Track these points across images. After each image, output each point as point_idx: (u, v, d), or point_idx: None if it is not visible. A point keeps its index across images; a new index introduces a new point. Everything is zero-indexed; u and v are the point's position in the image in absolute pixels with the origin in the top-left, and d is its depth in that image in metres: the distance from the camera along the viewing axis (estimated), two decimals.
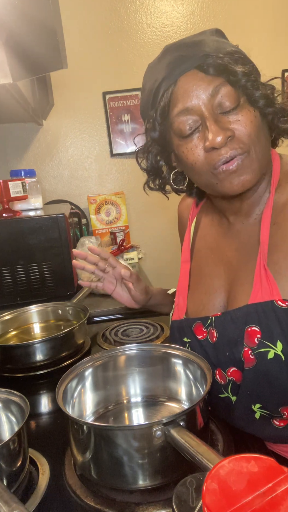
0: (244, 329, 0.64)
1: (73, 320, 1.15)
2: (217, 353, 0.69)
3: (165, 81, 0.66)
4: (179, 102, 0.65)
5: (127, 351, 0.74)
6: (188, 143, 0.66)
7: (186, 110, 0.64)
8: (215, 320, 0.69)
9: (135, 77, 2.17)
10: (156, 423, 0.51)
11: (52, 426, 0.77)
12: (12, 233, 1.37)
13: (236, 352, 0.65)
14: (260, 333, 0.62)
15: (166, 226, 2.34)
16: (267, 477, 0.35)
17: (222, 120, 0.63)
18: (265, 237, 0.67)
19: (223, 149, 0.62)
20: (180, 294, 0.80)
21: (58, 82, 2.10)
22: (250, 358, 0.63)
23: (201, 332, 0.72)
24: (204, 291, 0.76)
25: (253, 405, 0.65)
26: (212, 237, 0.80)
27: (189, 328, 0.74)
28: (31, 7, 0.95)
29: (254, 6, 2.11)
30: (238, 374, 0.66)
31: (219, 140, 0.61)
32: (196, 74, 0.64)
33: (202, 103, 0.63)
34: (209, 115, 0.63)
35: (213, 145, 0.62)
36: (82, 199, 2.27)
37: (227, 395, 0.69)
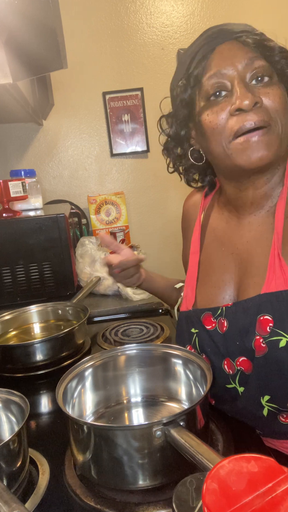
0: (256, 318, 0.64)
1: (73, 320, 1.15)
2: (227, 343, 0.69)
3: (203, 49, 0.68)
4: (214, 66, 0.66)
5: (127, 351, 0.74)
6: (214, 106, 0.66)
7: (220, 73, 0.65)
8: (226, 310, 0.70)
9: (135, 77, 2.17)
10: (156, 423, 0.51)
11: (52, 426, 0.77)
12: (12, 233, 1.37)
13: (247, 341, 0.65)
14: (272, 322, 0.62)
15: (166, 226, 2.34)
16: (267, 477, 0.35)
17: (252, 89, 0.64)
18: (279, 227, 0.67)
19: (250, 114, 0.63)
20: (188, 285, 0.80)
21: (58, 82, 2.10)
22: (261, 347, 0.63)
23: (210, 323, 0.72)
24: (213, 284, 0.76)
25: (261, 397, 0.66)
26: (222, 230, 0.79)
27: (197, 318, 0.74)
28: (31, 7, 0.95)
29: (254, 6, 2.11)
30: (247, 363, 0.66)
31: (247, 102, 0.62)
32: (234, 44, 0.66)
33: (235, 70, 0.65)
34: (240, 81, 0.64)
35: (240, 106, 0.62)
36: (82, 199, 2.27)
37: (234, 385, 0.69)
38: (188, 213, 0.91)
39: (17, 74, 1.06)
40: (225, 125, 0.65)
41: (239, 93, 0.63)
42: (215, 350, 0.71)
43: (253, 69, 0.64)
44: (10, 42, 1.01)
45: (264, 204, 0.72)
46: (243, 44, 0.65)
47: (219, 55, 0.66)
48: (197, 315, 0.74)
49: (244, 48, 0.65)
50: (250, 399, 0.67)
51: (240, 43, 0.65)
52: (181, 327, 0.78)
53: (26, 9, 0.95)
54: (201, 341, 0.73)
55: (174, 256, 1.97)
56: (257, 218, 0.73)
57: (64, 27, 1.07)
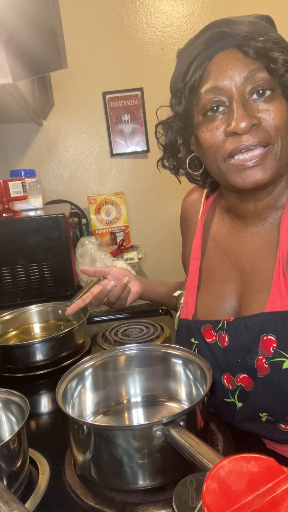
0: (260, 337, 0.62)
1: (73, 320, 1.14)
2: (228, 358, 0.67)
3: (200, 55, 0.62)
4: (211, 79, 0.61)
5: (127, 351, 0.74)
6: (210, 123, 0.62)
7: (216, 88, 0.61)
8: (227, 325, 0.68)
9: (135, 77, 2.17)
10: (156, 423, 0.51)
11: (52, 426, 0.77)
12: (12, 233, 1.37)
13: (249, 359, 0.64)
14: (276, 343, 0.61)
15: (166, 226, 2.34)
16: (267, 477, 0.35)
17: (251, 106, 0.60)
18: (284, 244, 0.64)
19: (245, 137, 0.59)
20: (189, 293, 0.78)
21: (58, 82, 2.10)
22: (264, 367, 0.62)
23: (211, 336, 0.70)
24: (214, 295, 0.74)
25: (260, 413, 0.65)
26: (223, 238, 0.76)
27: (197, 330, 0.72)
28: (31, 7, 0.95)
29: (254, 6, 2.11)
30: (248, 380, 0.65)
31: (242, 126, 0.58)
32: (234, 53, 0.60)
33: (234, 85, 0.60)
34: (238, 98, 0.59)
35: (235, 130, 0.58)
36: (82, 199, 2.27)
37: (233, 400, 0.68)
38: (187, 212, 0.89)
39: (17, 74, 1.06)
40: (220, 144, 0.62)
41: (235, 114, 0.59)
42: (214, 363, 0.69)
43: (253, 82, 0.59)
44: (10, 42, 1.01)
45: (268, 216, 0.69)
46: (243, 54, 0.59)
47: (217, 66, 0.61)
48: (197, 326, 0.72)
49: (244, 59, 0.59)
50: (247, 414, 0.66)
51: (240, 52, 0.59)
52: (181, 335, 0.76)
53: (26, 9, 0.95)
54: (201, 353, 0.71)
55: (174, 256, 1.97)
56: (260, 230, 0.70)
57: (64, 27, 1.07)
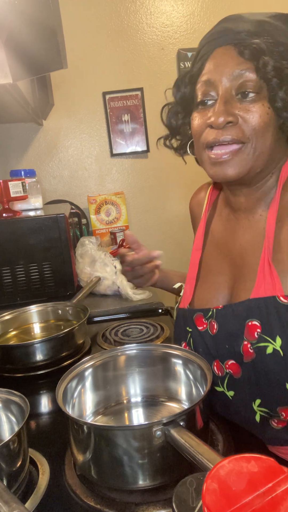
0: (245, 323, 0.64)
1: (73, 320, 1.15)
2: (217, 345, 0.70)
3: (204, 49, 0.68)
4: (206, 72, 0.66)
5: (127, 351, 0.74)
6: (200, 113, 0.68)
7: (209, 81, 0.66)
8: (216, 313, 0.70)
9: (135, 77, 2.17)
10: (156, 423, 0.51)
11: (52, 426, 0.77)
12: (12, 233, 1.37)
13: (236, 345, 0.66)
14: (260, 328, 0.63)
15: (166, 226, 2.34)
16: (267, 477, 0.35)
17: (232, 104, 0.63)
18: (271, 232, 0.67)
19: (220, 131, 0.64)
20: (188, 283, 0.81)
21: (58, 82, 2.10)
22: (249, 352, 0.64)
23: (202, 323, 0.73)
24: (209, 286, 0.77)
25: (253, 402, 0.66)
26: (220, 233, 0.80)
27: (190, 318, 0.75)
28: (31, 7, 0.95)
29: (254, 6, 2.11)
30: (236, 367, 0.67)
31: (219, 121, 0.62)
32: (230, 50, 0.64)
33: (223, 81, 0.64)
34: (223, 94, 0.64)
35: (212, 123, 0.64)
36: (82, 199, 2.27)
37: (222, 389, 0.70)
38: (193, 212, 0.92)
39: (17, 74, 1.06)
40: (201, 134, 0.67)
41: (216, 109, 0.63)
42: (206, 351, 0.71)
43: (241, 81, 0.63)
44: (10, 42, 1.01)
45: (258, 208, 0.73)
46: (238, 52, 0.63)
47: (213, 61, 0.65)
48: (191, 314, 0.75)
49: (237, 58, 0.63)
50: (241, 404, 0.67)
51: (236, 50, 0.63)
52: (179, 323, 0.79)
53: (26, 9, 0.95)
54: (194, 341, 0.74)
55: (174, 256, 1.97)
56: (251, 223, 0.74)
57: (64, 27, 1.07)
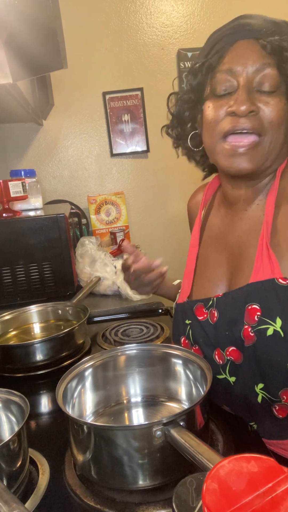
0: (245, 308, 0.65)
1: (73, 320, 1.14)
2: (217, 333, 0.70)
3: (224, 39, 0.68)
4: (228, 62, 0.67)
5: (127, 351, 0.74)
6: (216, 101, 0.68)
7: (230, 71, 0.66)
8: (217, 301, 0.71)
9: (135, 77, 2.17)
10: (156, 423, 0.51)
11: (52, 426, 0.77)
12: (12, 233, 1.37)
13: (236, 331, 0.66)
14: (260, 311, 0.63)
15: (166, 226, 2.34)
16: (267, 477, 0.35)
17: (253, 95, 0.65)
18: (269, 218, 0.68)
19: (242, 119, 0.64)
20: (186, 278, 0.82)
21: (58, 82, 2.10)
22: (250, 336, 0.64)
23: (202, 313, 0.73)
24: (207, 278, 0.78)
25: (255, 385, 0.66)
26: (218, 227, 0.81)
27: (190, 310, 0.75)
28: (31, 7, 0.95)
29: (254, 6, 2.11)
30: (236, 353, 0.67)
31: (242, 108, 0.63)
32: (252, 44, 0.66)
33: (245, 72, 0.65)
34: (245, 84, 0.65)
35: (235, 111, 0.64)
36: (82, 199, 2.27)
37: (225, 376, 0.70)
38: (191, 211, 0.94)
39: (17, 74, 1.06)
40: (220, 122, 0.67)
41: (239, 97, 0.64)
42: (206, 340, 0.72)
43: (262, 75, 0.64)
44: (10, 42, 1.01)
45: (255, 198, 0.74)
46: (261, 46, 0.65)
47: (235, 52, 0.66)
48: (191, 306, 0.76)
49: (260, 51, 0.65)
50: (244, 388, 0.68)
51: (258, 45, 0.65)
52: (177, 319, 0.80)
53: (26, 9, 0.95)
54: (194, 332, 0.74)
55: (175, 256, 1.97)
56: (248, 213, 0.75)
57: (64, 27, 1.07)
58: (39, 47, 1.03)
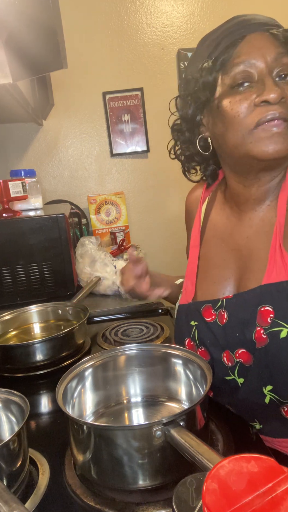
0: (257, 309, 0.64)
1: (73, 320, 1.14)
2: (226, 335, 0.69)
3: (232, 35, 0.67)
4: (243, 54, 0.65)
5: (127, 351, 0.74)
6: (236, 95, 0.65)
7: (249, 63, 0.65)
8: (226, 302, 0.70)
9: (135, 77, 2.17)
10: (156, 423, 0.51)
11: (52, 426, 0.77)
12: (12, 233, 1.37)
13: (247, 332, 0.65)
14: (273, 313, 0.63)
15: (166, 226, 2.34)
16: (267, 477, 0.35)
17: (278, 83, 0.64)
18: (282, 218, 0.67)
19: (275, 106, 0.62)
20: (188, 279, 0.80)
21: (58, 82, 2.10)
22: (262, 338, 0.63)
23: (210, 315, 0.72)
24: (214, 280, 0.77)
25: (264, 387, 0.66)
26: (223, 227, 0.79)
27: (197, 311, 0.74)
28: (31, 7, 0.95)
29: (254, 6, 2.11)
30: (246, 355, 0.67)
31: (273, 96, 0.62)
32: (265, 36, 0.65)
33: (265, 62, 0.64)
34: (268, 73, 0.64)
35: (268, 99, 0.62)
36: (82, 199, 2.27)
37: (233, 377, 0.69)
38: (190, 207, 0.92)
39: (17, 74, 1.06)
40: (247, 115, 0.64)
41: (267, 85, 0.63)
42: (214, 342, 0.71)
43: (280, 65, 0.64)
44: (10, 42, 1.01)
45: (265, 199, 0.73)
46: (273, 37, 0.65)
47: (249, 44, 0.65)
48: (197, 307, 0.74)
49: (274, 41, 0.65)
50: (251, 389, 0.67)
51: (270, 35, 0.65)
52: (180, 321, 0.78)
53: (26, 9, 0.95)
54: (201, 334, 0.73)
55: (175, 256, 1.97)
56: (258, 213, 0.73)
57: (64, 27, 1.07)
58: (39, 47, 1.03)
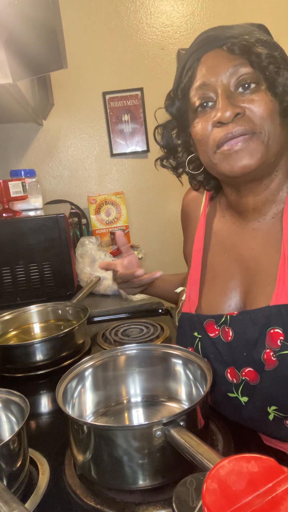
0: (266, 331, 0.63)
1: (73, 320, 1.15)
2: (232, 352, 0.68)
3: (191, 58, 0.68)
4: (199, 77, 0.66)
5: (127, 351, 0.74)
6: (201, 117, 0.67)
7: (204, 85, 0.65)
8: (231, 319, 0.68)
9: (135, 77, 2.17)
10: (156, 423, 0.51)
11: (52, 426, 0.77)
12: (12, 233, 1.37)
13: (256, 353, 0.64)
14: (283, 335, 0.61)
15: (166, 226, 2.34)
16: (267, 477, 0.35)
17: (235, 98, 0.63)
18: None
19: (230, 125, 0.62)
20: (191, 286, 0.78)
21: (58, 82, 2.10)
22: (271, 360, 0.62)
23: (213, 330, 0.71)
24: (218, 292, 0.74)
25: (268, 407, 0.65)
26: (225, 235, 0.78)
27: (200, 324, 0.72)
28: (31, 7, 0.95)
29: (254, 6, 2.11)
30: (253, 374, 0.65)
31: (227, 115, 0.61)
32: (219, 52, 0.65)
33: (220, 80, 0.64)
34: (222, 91, 0.64)
35: (220, 119, 0.62)
36: (82, 199, 2.27)
37: (236, 395, 0.68)
38: (188, 207, 0.90)
39: (17, 74, 1.06)
40: (209, 136, 0.65)
41: (220, 105, 0.63)
42: (218, 357, 0.69)
43: (238, 77, 0.63)
44: (10, 42, 1.01)
45: (268, 210, 0.71)
46: (228, 51, 0.63)
47: (204, 65, 0.66)
48: (200, 321, 0.73)
49: (229, 56, 0.63)
50: (255, 409, 0.66)
51: (225, 51, 0.64)
52: (183, 329, 0.76)
53: (26, 9, 0.95)
54: (204, 347, 0.71)
55: (175, 255, 1.97)
56: (262, 225, 0.71)
57: (64, 27, 1.07)
58: (39, 47, 1.03)
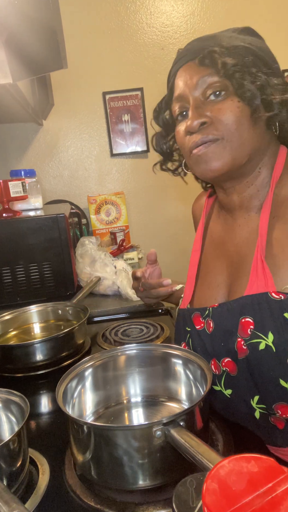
0: (239, 320, 0.66)
1: (73, 320, 1.14)
2: (213, 343, 0.70)
3: (171, 73, 0.74)
4: (176, 90, 0.72)
5: (127, 351, 0.74)
6: (180, 125, 0.73)
7: (180, 96, 0.71)
8: (212, 311, 0.71)
9: (135, 77, 2.17)
10: (156, 423, 0.51)
11: (52, 426, 0.77)
12: (12, 233, 1.37)
13: (231, 342, 0.67)
14: (253, 324, 0.64)
15: (166, 226, 2.34)
16: (267, 477, 0.35)
17: (204, 107, 0.68)
18: (263, 230, 0.68)
19: (195, 135, 0.68)
20: (188, 284, 0.82)
21: (58, 82, 2.10)
22: (243, 349, 0.64)
23: (199, 323, 0.74)
24: (208, 286, 0.78)
25: (251, 399, 0.66)
26: (217, 233, 0.82)
27: (189, 318, 0.76)
28: (31, 7, 0.95)
29: (254, 6, 2.11)
30: (232, 364, 0.68)
31: (193, 125, 0.67)
32: (191, 65, 0.69)
33: (189, 92, 0.69)
34: (193, 102, 0.69)
35: (188, 129, 0.68)
36: (82, 199, 2.27)
37: (220, 388, 0.70)
38: (195, 214, 0.94)
39: (17, 74, 1.06)
40: (185, 142, 0.71)
41: (189, 116, 0.68)
42: (203, 350, 0.72)
43: (206, 86, 0.67)
44: (10, 42, 1.01)
45: (252, 205, 0.74)
46: (199, 64, 0.67)
47: (179, 79, 0.71)
48: (189, 314, 0.76)
49: (199, 68, 0.67)
50: (240, 402, 0.68)
51: (196, 63, 0.68)
52: (179, 325, 0.80)
53: (26, 9, 0.95)
54: (193, 341, 0.74)
55: (175, 256, 1.97)
56: (247, 221, 0.75)
57: (64, 27, 1.07)
58: (39, 47, 1.03)
